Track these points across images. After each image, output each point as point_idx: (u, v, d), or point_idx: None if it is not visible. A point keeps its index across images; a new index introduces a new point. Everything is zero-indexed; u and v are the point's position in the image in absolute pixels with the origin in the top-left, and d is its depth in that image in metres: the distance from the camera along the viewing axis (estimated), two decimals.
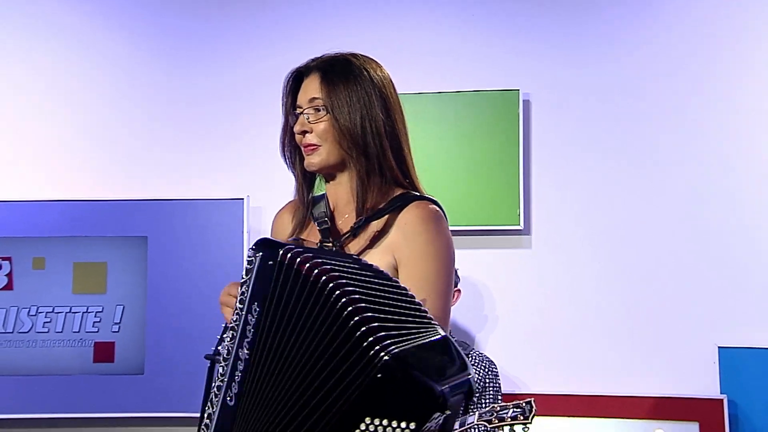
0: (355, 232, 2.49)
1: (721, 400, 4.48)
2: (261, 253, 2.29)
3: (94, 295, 4.75)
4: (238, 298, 2.35)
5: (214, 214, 4.69)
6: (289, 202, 2.75)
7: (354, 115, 2.52)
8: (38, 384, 4.69)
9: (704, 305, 4.61)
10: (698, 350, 4.60)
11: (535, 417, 3.64)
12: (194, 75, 4.91)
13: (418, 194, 2.48)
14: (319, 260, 2.15)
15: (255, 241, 2.31)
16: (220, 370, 2.31)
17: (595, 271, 4.71)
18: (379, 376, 1.91)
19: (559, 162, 4.83)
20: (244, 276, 2.32)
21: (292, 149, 2.64)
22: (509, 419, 3.69)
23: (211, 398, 2.32)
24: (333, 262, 2.20)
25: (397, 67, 4.65)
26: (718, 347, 4.55)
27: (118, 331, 4.72)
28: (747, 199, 4.64)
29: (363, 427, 1.93)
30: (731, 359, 4.53)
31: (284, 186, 4.66)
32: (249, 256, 2.31)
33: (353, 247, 2.49)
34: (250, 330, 2.28)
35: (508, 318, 4.62)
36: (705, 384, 4.56)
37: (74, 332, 4.73)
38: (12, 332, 4.72)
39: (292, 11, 4.94)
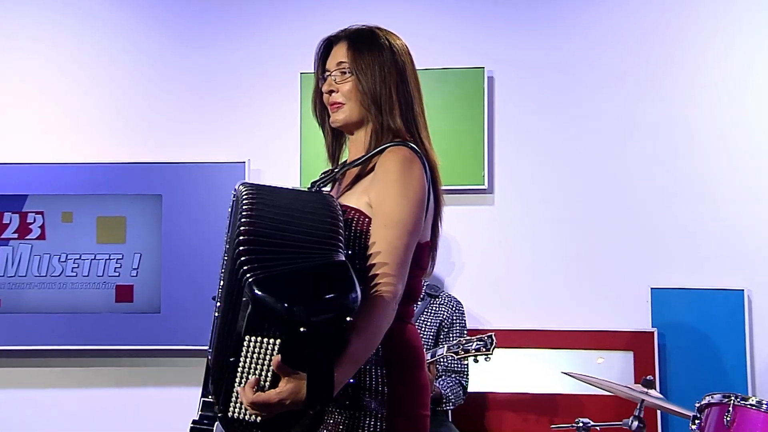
0: (335, 176, 2.53)
1: (652, 332, 4.57)
2: (233, 192, 2.38)
3: (115, 245, 4.80)
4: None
5: (219, 175, 4.71)
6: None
7: (375, 78, 2.54)
8: (68, 320, 4.77)
9: (639, 253, 4.70)
10: (634, 291, 4.67)
11: (496, 349, 3.86)
12: (203, 55, 4.92)
13: (399, 141, 2.47)
14: (254, 190, 2.24)
15: (255, 187, 2.31)
16: (218, 293, 2.37)
17: (548, 224, 4.76)
18: (244, 299, 1.96)
19: (519, 130, 4.84)
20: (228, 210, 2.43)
21: (322, 109, 2.64)
22: (473, 351, 3.89)
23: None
24: (269, 192, 2.27)
25: None
26: (651, 288, 4.63)
27: (136, 276, 4.77)
28: (677, 161, 4.70)
29: (245, 344, 1.98)
30: (661, 298, 4.63)
31: (280, 152, 4.81)
32: (233, 193, 2.38)
33: (336, 192, 2.54)
34: (225, 259, 2.37)
35: (473, 265, 4.70)
36: (639, 319, 4.64)
37: (98, 276, 4.78)
38: (45, 275, 4.78)
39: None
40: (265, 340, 1.94)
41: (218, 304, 2.37)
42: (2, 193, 4.82)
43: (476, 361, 4.10)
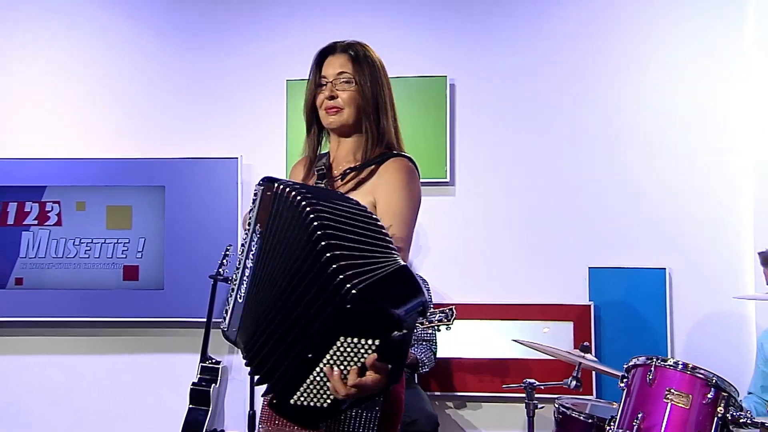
0: (344, 176, 2.51)
1: (589, 306, 4.67)
2: (263, 187, 2.31)
3: (122, 230, 4.86)
4: (248, 222, 2.34)
5: (215, 168, 4.76)
6: (302, 158, 2.69)
7: (374, 90, 2.55)
8: (81, 296, 4.85)
9: (578, 238, 4.78)
10: (574, 270, 4.76)
11: (456, 320, 3.95)
12: (202, 63, 4.97)
13: (397, 153, 2.49)
14: (304, 190, 2.13)
15: (261, 178, 2.31)
16: (234, 276, 2.34)
17: (502, 212, 4.83)
18: (348, 306, 1.91)
19: (477, 131, 4.87)
20: (251, 205, 2.33)
21: (312, 110, 2.60)
22: (436, 321, 3.98)
23: (228, 297, 2.36)
24: (315, 192, 2.20)
25: None
26: (588, 267, 4.74)
27: (141, 257, 4.84)
28: (610, 158, 4.77)
29: (338, 344, 1.95)
30: (597, 276, 4.72)
31: (268, 149, 4.86)
32: (255, 190, 2.32)
33: (341, 190, 2.49)
34: (254, 245, 2.30)
35: (437, 247, 4.77)
36: (578, 294, 4.72)
37: (107, 258, 4.86)
38: (62, 257, 4.85)
39: (268, 13, 4.93)
40: (362, 341, 1.94)
41: (244, 287, 2.32)
42: (24, 185, 4.86)
43: (438, 330, 4.15)
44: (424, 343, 4.41)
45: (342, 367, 2.00)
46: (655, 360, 3.22)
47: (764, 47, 4.54)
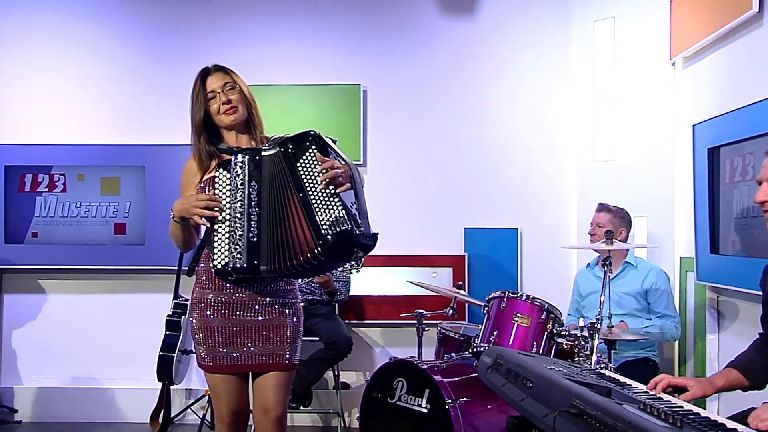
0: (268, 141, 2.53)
1: (464, 256, 4.77)
2: (247, 156, 2.42)
3: (112, 196, 4.85)
4: (236, 183, 2.38)
5: (183, 151, 4.52)
6: (192, 155, 2.61)
7: (247, 91, 2.62)
8: (82, 248, 4.84)
9: (457, 206, 4.85)
10: (453, 229, 4.84)
11: (364, 266, 4.06)
12: (178, 63, 4.83)
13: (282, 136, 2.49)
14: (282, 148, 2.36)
15: (242, 151, 2.40)
16: (236, 226, 2.36)
17: (401, 186, 4.87)
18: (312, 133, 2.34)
19: (383, 127, 4.89)
20: (237, 171, 2.37)
21: (202, 122, 2.56)
22: (348, 266, 4.06)
23: (232, 242, 2.37)
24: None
25: (273, 64, 4.81)
26: (464, 228, 4.83)
27: (127, 217, 4.83)
28: (476, 146, 4.84)
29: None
30: (469, 234, 4.83)
31: None
32: (239, 160, 2.38)
33: None
34: (254, 198, 2.38)
35: None
36: (456, 248, 4.82)
37: (102, 217, 4.85)
38: (66, 216, 4.86)
39: (210, 30, 4.87)
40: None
41: (253, 228, 2.37)
42: (36, 164, 4.84)
43: (351, 273, 4.32)
44: (341, 282, 4.48)
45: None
46: (507, 293, 3.41)
47: (582, 70, 4.72)
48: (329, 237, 2.26)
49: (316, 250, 2.28)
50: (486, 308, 3.48)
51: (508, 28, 4.90)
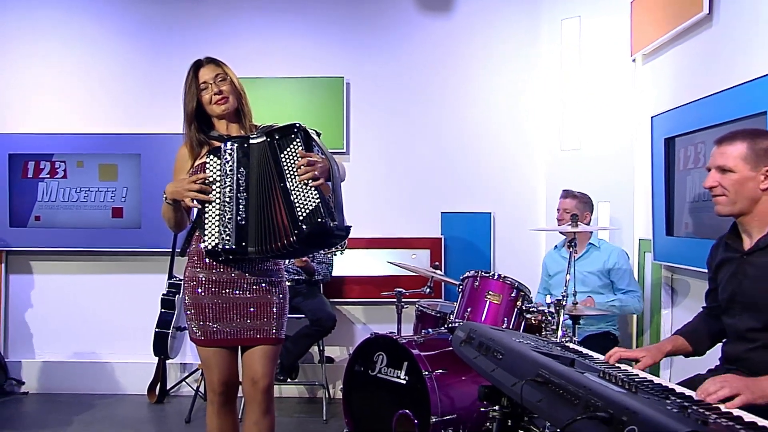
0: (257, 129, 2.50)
1: (441, 238, 4.78)
2: (236, 144, 2.41)
3: (110, 182, 4.83)
4: (226, 169, 2.37)
5: (176, 140, 4.51)
6: (184, 143, 2.58)
7: (238, 82, 2.59)
8: (82, 232, 4.81)
9: (435, 192, 4.85)
10: (431, 213, 4.84)
11: (347, 249, 3.98)
12: (172, 57, 4.78)
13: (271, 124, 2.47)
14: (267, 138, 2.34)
15: (231, 139, 2.39)
16: (225, 209, 2.36)
17: (382, 173, 4.85)
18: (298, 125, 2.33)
19: (365, 117, 4.86)
20: (227, 158, 2.36)
21: (194, 111, 2.54)
22: (332, 249, 3.99)
23: (221, 224, 2.36)
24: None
25: (262, 58, 4.78)
26: (441, 212, 4.82)
27: (124, 202, 4.81)
28: (457, 133, 4.81)
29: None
30: (446, 218, 4.82)
31: None
32: (228, 148, 2.37)
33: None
34: (242, 183, 2.38)
35: None
36: (433, 231, 4.81)
37: (100, 202, 4.83)
38: (67, 201, 4.84)
39: (204, 23, 4.83)
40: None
41: (241, 212, 2.36)
42: (38, 152, 4.80)
43: (335, 254, 4.30)
44: (323, 264, 4.47)
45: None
46: (480, 273, 3.42)
47: (550, 65, 4.73)
48: (304, 228, 2.29)
49: (291, 238, 2.31)
50: (461, 287, 3.49)
51: (481, 26, 4.90)
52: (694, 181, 3.38)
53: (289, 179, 2.32)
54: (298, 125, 2.38)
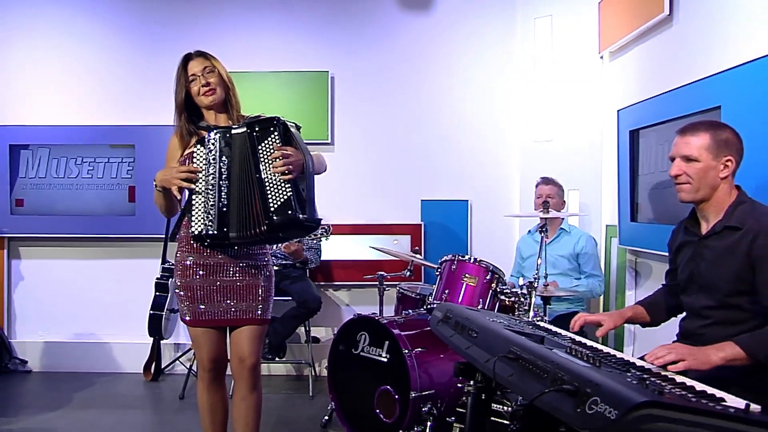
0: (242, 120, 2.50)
1: (421, 225, 4.78)
2: (219, 134, 2.39)
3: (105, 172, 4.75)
4: (209, 158, 2.34)
5: (170, 131, 4.45)
6: (174, 133, 2.57)
7: (226, 74, 2.57)
8: (81, 219, 4.75)
9: (415, 181, 4.84)
10: (412, 201, 4.83)
11: (332, 234, 4.05)
12: (164, 52, 4.73)
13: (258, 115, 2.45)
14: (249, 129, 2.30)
15: (214, 129, 2.36)
16: (209, 196, 2.34)
17: (365, 163, 4.83)
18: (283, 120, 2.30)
19: (349, 109, 4.83)
20: (210, 147, 2.33)
21: (183, 102, 2.52)
22: (319, 235, 4.02)
23: (206, 211, 2.34)
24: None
25: (250, 53, 4.74)
26: (421, 200, 4.82)
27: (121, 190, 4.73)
28: (436, 125, 4.81)
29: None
30: (426, 205, 4.81)
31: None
32: (212, 137, 2.34)
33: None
34: (225, 171, 2.36)
35: (321, 187, 4.33)
36: (414, 217, 4.81)
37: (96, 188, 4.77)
38: (63, 177, 4.76)
39: (198, 19, 4.79)
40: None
41: (223, 198, 2.33)
42: (37, 143, 4.74)
43: (320, 240, 4.28)
44: (312, 250, 4.46)
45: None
46: (457, 256, 3.42)
47: (524, 61, 4.72)
48: (274, 218, 2.28)
49: (263, 227, 2.30)
50: (439, 270, 3.49)
51: (459, 23, 4.89)
52: (656, 169, 3.40)
53: (265, 171, 2.30)
54: (277, 119, 2.36)
